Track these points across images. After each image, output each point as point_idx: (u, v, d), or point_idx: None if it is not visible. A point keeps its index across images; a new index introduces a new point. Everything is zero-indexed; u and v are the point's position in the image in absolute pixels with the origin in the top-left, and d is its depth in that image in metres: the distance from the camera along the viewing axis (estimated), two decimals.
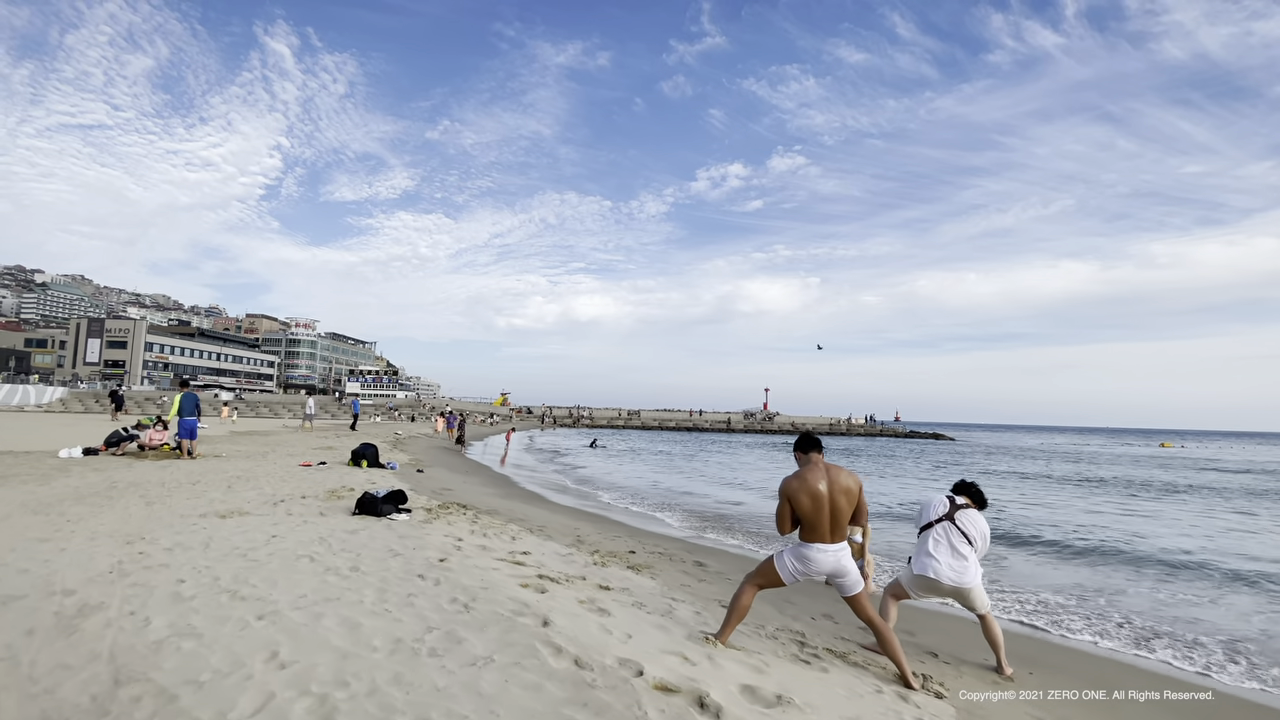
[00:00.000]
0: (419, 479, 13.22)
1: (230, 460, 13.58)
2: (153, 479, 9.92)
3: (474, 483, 14.60)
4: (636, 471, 23.24)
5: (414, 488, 10.88)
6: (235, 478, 10.58)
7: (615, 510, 12.64)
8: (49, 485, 8.89)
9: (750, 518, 12.50)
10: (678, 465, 27.03)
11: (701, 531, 10.65)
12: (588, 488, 16.70)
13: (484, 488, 13.77)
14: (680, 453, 36.73)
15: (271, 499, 8.48)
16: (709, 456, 34.40)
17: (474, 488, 13.39)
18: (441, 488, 12.00)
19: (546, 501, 12.86)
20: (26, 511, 6.95)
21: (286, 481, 10.32)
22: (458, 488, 12.59)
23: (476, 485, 14.04)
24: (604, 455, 32.61)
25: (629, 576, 6.00)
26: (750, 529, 11.17)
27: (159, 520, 6.73)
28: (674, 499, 15.10)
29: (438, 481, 13.25)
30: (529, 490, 14.64)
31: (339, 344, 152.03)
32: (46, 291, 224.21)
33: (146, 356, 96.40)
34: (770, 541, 9.93)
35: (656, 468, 25.35)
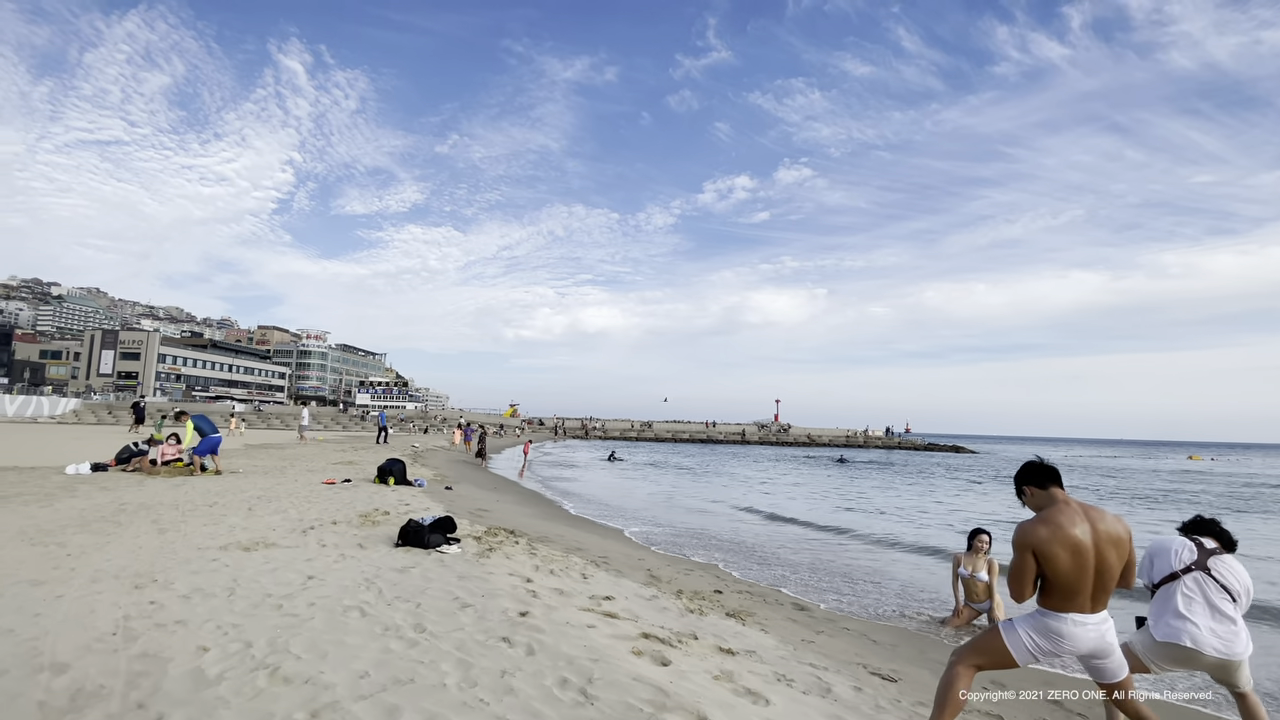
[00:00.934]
0: (449, 497, 12.22)
1: (248, 477, 12.63)
2: (166, 500, 8.96)
3: (508, 501, 13.57)
4: (668, 487, 22.11)
5: (449, 509, 9.86)
6: (255, 498, 9.60)
7: (668, 534, 11.55)
8: (52, 507, 7.94)
9: (810, 543, 11.39)
10: (706, 480, 25.88)
11: (769, 563, 9.56)
12: (629, 506, 15.62)
13: (520, 507, 12.74)
14: (701, 466, 35.54)
15: (299, 524, 7.49)
16: (733, 470, 33.21)
17: (510, 507, 12.36)
18: (477, 508, 10.97)
19: (593, 525, 11.81)
20: (23, 541, 5.98)
21: (312, 502, 9.33)
22: (494, 508, 11.55)
23: (511, 505, 13.01)
24: (627, 469, 31.50)
25: (740, 631, 4.94)
26: (823, 557, 10.07)
27: (173, 554, 5.74)
28: (720, 519, 13.98)
29: (471, 500, 12.23)
30: (569, 511, 13.58)
31: (349, 355, 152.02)
32: (63, 304, 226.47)
33: (159, 368, 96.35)
34: (867, 578, 8.83)
35: (686, 483, 24.22)
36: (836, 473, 33.04)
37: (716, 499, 17.71)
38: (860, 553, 10.51)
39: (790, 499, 19.10)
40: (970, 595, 6.63)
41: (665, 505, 16.11)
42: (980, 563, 6.57)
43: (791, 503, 17.72)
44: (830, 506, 17.57)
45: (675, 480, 25.32)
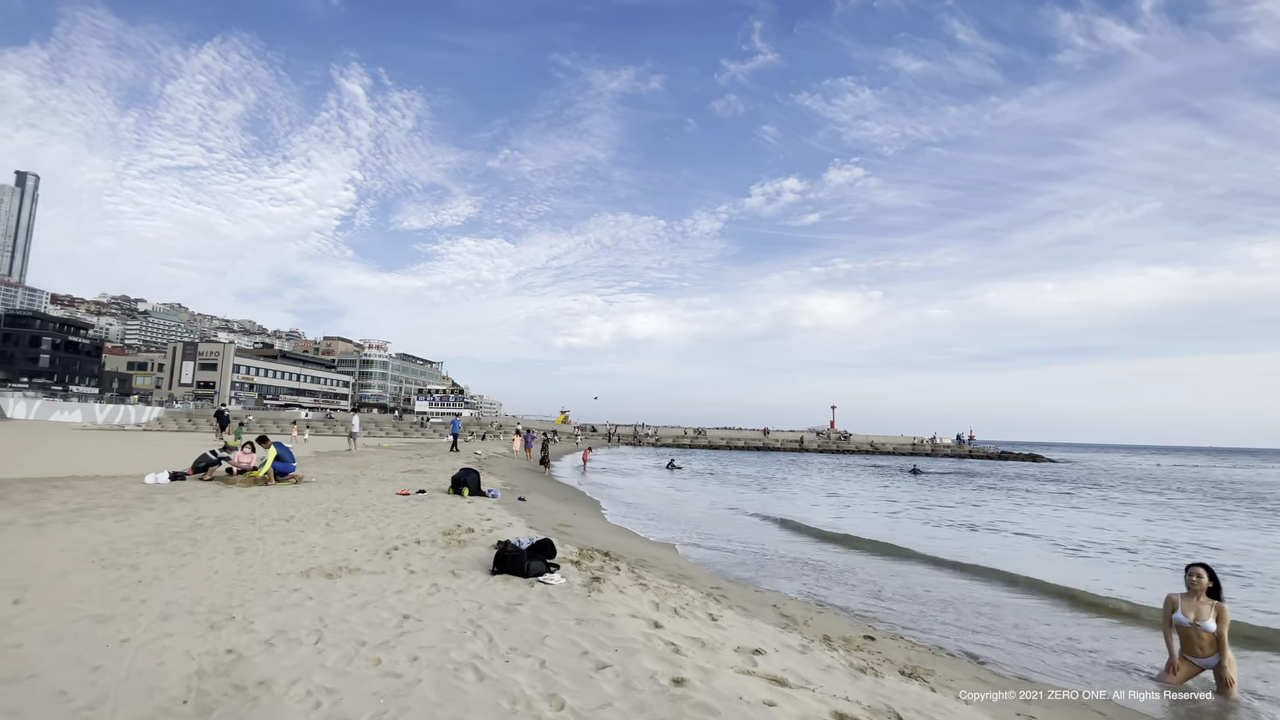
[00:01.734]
0: (525, 510, 11.48)
1: (321, 487, 12.26)
2: (242, 513, 8.51)
3: (584, 514, 12.76)
4: (737, 499, 20.88)
5: (531, 524, 9.08)
6: (331, 511, 9.07)
7: (759, 557, 10.44)
8: (128, 521, 7.55)
9: (928, 573, 10.05)
10: (774, 491, 24.49)
11: (892, 597, 8.35)
12: (706, 523, 14.56)
13: (598, 521, 11.91)
14: (763, 476, 34.02)
15: (381, 543, 6.81)
16: (799, 480, 31.60)
17: (588, 521, 11.53)
18: (558, 523, 10.16)
19: (682, 544, 10.82)
20: (94, 564, 5.47)
21: (390, 517, 8.71)
22: (575, 524, 10.73)
23: (588, 518, 12.18)
24: (688, 478, 30.39)
25: (938, 702, 3.85)
26: (952, 593, 8.76)
27: (252, 581, 5.08)
28: (808, 540, 12.73)
29: (547, 514, 11.46)
30: (649, 526, 12.63)
31: (408, 364, 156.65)
32: (148, 319, 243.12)
33: (234, 377, 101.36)
34: (1023, 618, 7.53)
35: (754, 493, 22.92)
36: (914, 484, 30.93)
37: (800, 515, 16.38)
38: (995, 588, 9.11)
39: (878, 514, 17.60)
40: (1189, 647, 5.30)
41: (744, 522, 14.91)
42: (1205, 609, 5.24)
43: (885, 521, 16.21)
44: (927, 523, 16.02)
45: (741, 491, 24.06)
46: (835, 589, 8.23)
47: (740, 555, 10.14)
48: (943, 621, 6.95)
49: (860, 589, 8.39)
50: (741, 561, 9.73)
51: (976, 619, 7.17)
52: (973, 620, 7.10)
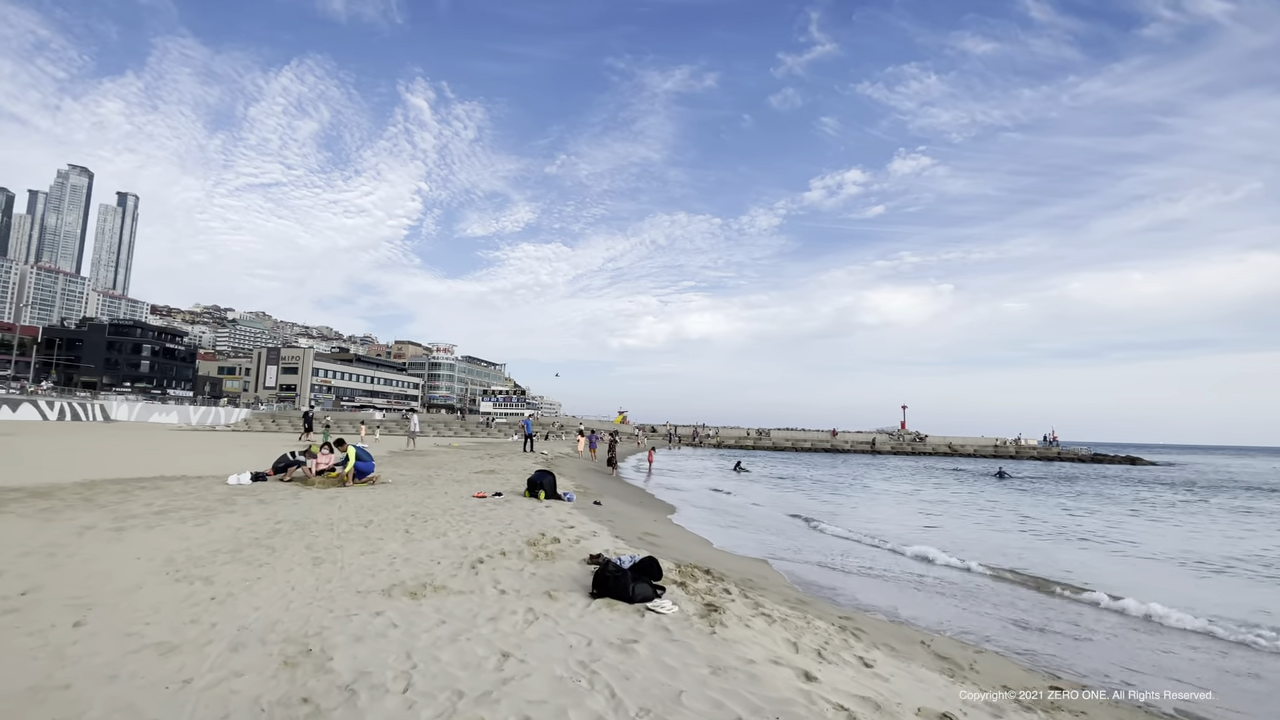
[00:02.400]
0: (602, 515, 10.79)
1: (397, 488, 11.97)
2: (320, 518, 8.15)
3: (663, 521, 11.96)
4: (818, 505, 19.55)
5: (615, 531, 8.35)
6: (409, 515, 8.62)
7: (888, 576, 9.30)
8: (208, 525, 7.28)
9: (1068, 603, 8.65)
10: (854, 495, 22.93)
11: (1036, 626, 7.10)
12: (792, 529, 13.46)
13: (677, 529, 11.07)
14: (837, 479, 32.27)
15: (464, 555, 6.20)
16: (878, 485, 29.74)
17: (669, 530, 10.72)
18: (642, 531, 9.39)
19: (789, 562, 9.82)
20: (167, 576, 5.06)
21: (469, 523, 8.16)
22: (657, 531, 9.94)
23: (668, 526, 11.37)
24: (756, 481, 29.13)
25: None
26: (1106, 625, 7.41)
27: (330, 601, 4.52)
28: (908, 547, 11.43)
29: (627, 520, 10.71)
30: (738, 536, 11.67)
31: (473, 366, 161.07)
32: (236, 326, 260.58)
33: (313, 380, 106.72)
34: (1225, 669, 6.18)
35: (833, 499, 21.47)
36: (1004, 490, 28.52)
37: (892, 526, 14.95)
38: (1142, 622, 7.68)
39: (978, 525, 15.95)
40: None
41: (830, 531, 13.65)
42: None
43: (990, 534, 14.57)
44: (1034, 534, 14.34)
45: (817, 495, 22.64)
46: (972, 617, 7.05)
47: (843, 572, 9.03)
48: (1124, 665, 5.70)
49: (998, 616, 7.17)
50: (850, 581, 8.64)
51: (1161, 661, 5.88)
52: (1155, 661, 5.82)
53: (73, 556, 5.61)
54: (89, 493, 9.46)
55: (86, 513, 7.80)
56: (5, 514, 7.50)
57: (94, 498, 8.99)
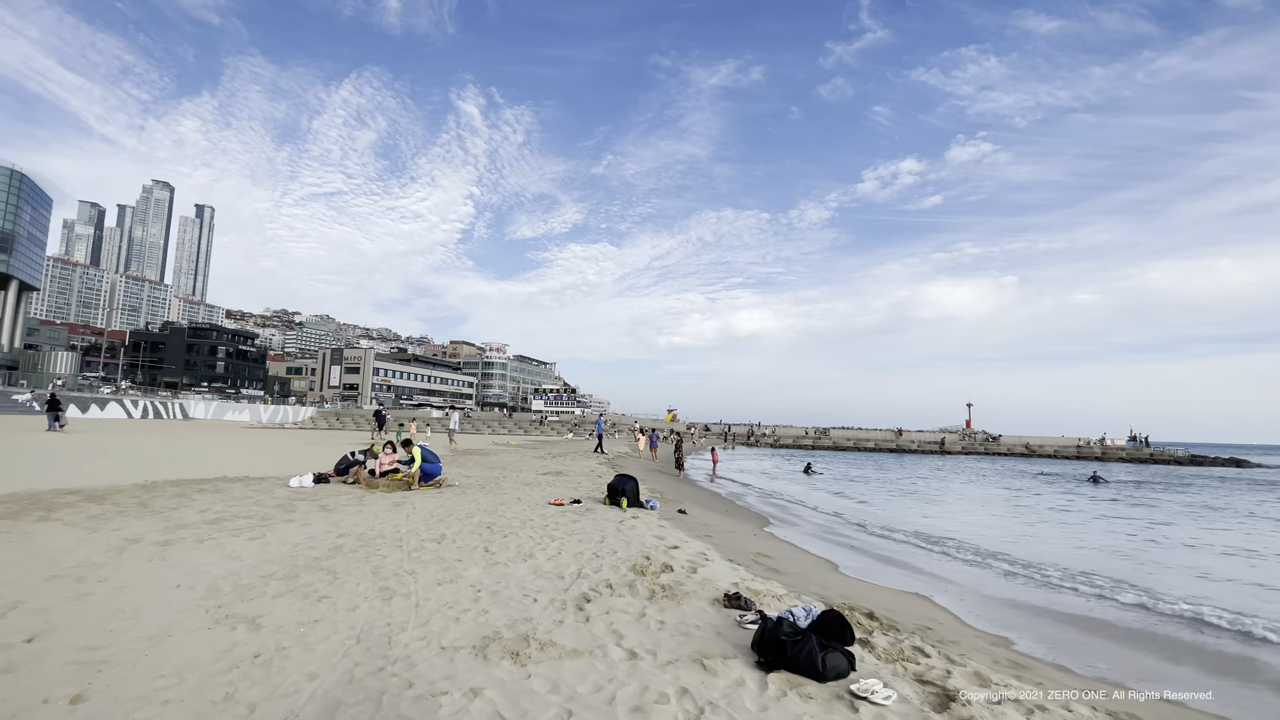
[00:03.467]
0: (693, 527, 9.45)
1: (464, 492, 10.97)
2: (387, 530, 7.11)
3: (764, 535, 10.51)
4: (913, 513, 17.60)
5: (724, 552, 6.98)
6: (485, 527, 7.49)
7: (1083, 620, 7.59)
8: (263, 539, 6.32)
9: None
10: (946, 501, 20.75)
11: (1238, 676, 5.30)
12: (909, 545, 11.73)
13: (786, 546, 9.59)
14: (916, 480, 29.84)
15: (561, 585, 4.97)
16: (965, 488, 27.24)
17: (781, 548, 9.26)
18: (754, 552, 7.99)
19: (950, 596, 8.20)
20: (206, 616, 4.01)
21: (554, 538, 6.95)
22: (770, 551, 8.52)
23: (774, 542, 9.91)
24: (830, 484, 27.18)
25: None
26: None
27: (410, 667, 3.34)
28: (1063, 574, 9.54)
29: (726, 536, 9.34)
30: (860, 556, 10.06)
31: (525, 365, 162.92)
32: (302, 329, 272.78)
33: (374, 380, 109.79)
34: None
35: (923, 504, 19.41)
36: (1105, 496, 25.48)
37: (1026, 543, 12.86)
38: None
39: (1135, 543, 13.76)
40: None
41: (954, 547, 11.78)
42: None
43: (1141, 553, 12.42)
44: (1226, 561, 12.12)
45: (910, 502, 20.59)
46: (1230, 685, 5.31)
47: (1020, 609, 7.31)
48: None
49: (1260, 684, 5.40)
50: (1044, 625, 6.89)
51: None
52: None
53: (104, 582, 4.67)
54: (146, 496, 8.78)
55: (137, 520, 7.01)
56: (52, 521, 6.77)
57: (150, 502, 8.27)
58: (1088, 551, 11.80)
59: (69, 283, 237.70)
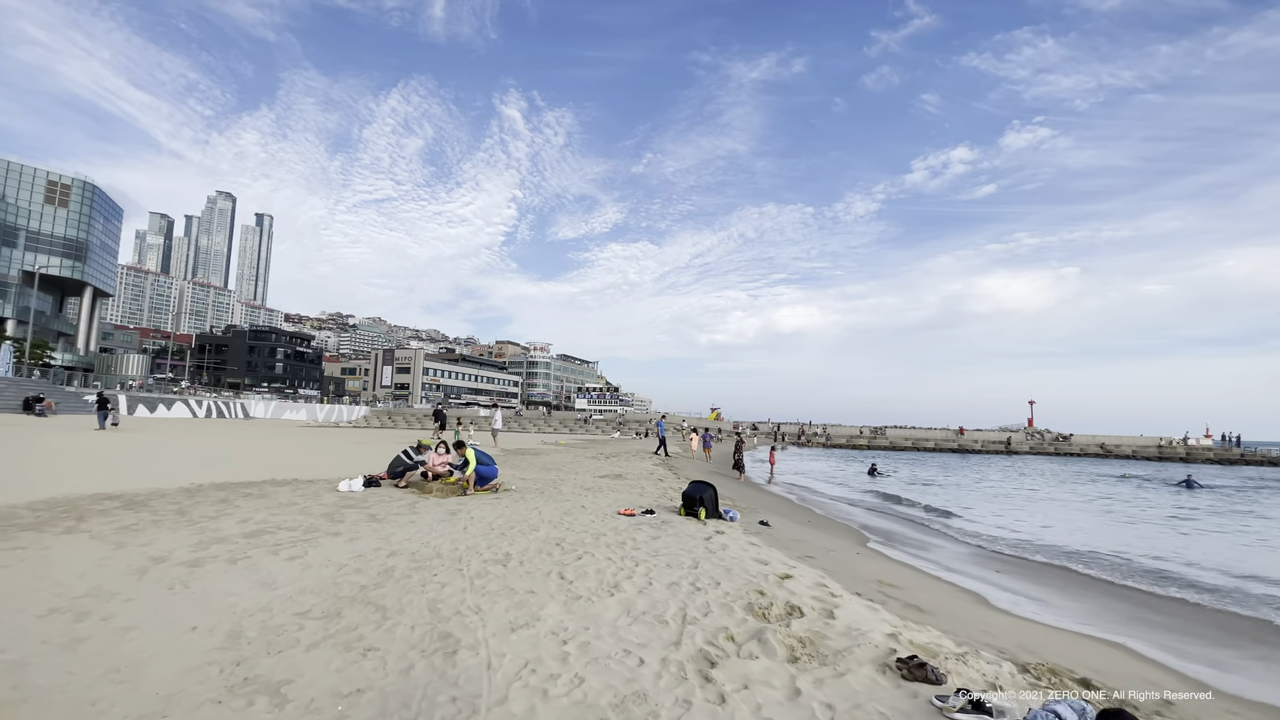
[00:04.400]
0: (786, 542, 8.21)
1: (523, 498, 10.00)
2: (444, 546, 6.15)
3: (869, 551, 9.17)
4: (1023, 522, 15.79)
5: (844, 582, 5.73)
6: (554, 544, 6.45)
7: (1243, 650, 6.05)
8: (304, 558, 5.42)
9: None
10: (1041, 508, 18.72)
11: None
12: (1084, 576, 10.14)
13: (919, 571, 8.23)
14: (992, 483, 27.53)
15: (667, 638, 3.85)
16: (1055, 490, 24.86)
17: (906, 574, 7.92)
18: (875, 580, 6.70)
19: (1148, 643, 6.73)
20: (220, 678, 3.04)
21: (637, 560, 5.84)
22: (895, 577, 7.21)
23: (891, 565, 8.55)
24: (906, 487, 25.30)
25: None
26: None
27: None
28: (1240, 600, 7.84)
29: (829, 556, 8.05)
30: (1017, 586, 8.56)
31: (568, 364, 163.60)
32: (356, 331, 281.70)
33: (424, 379, 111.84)
34: None
35: (1037, 516, 17.49)
36: (1206, 502, 22.72)
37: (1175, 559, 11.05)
38: None
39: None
40: None
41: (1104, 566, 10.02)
42: None
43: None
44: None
45: (1004, 508, 18.69)
46: None
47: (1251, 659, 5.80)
48: None
49: None
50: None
51: None
52: None
53: (108, 622, 3.79)
54: (188, 502, 8.11)
55: (171, 533, 6.24)
56: (79, 534, 6.06)
57: (190, 509, 7.57)
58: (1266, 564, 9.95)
59: (141, 289, 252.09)
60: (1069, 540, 12.45)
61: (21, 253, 66.58)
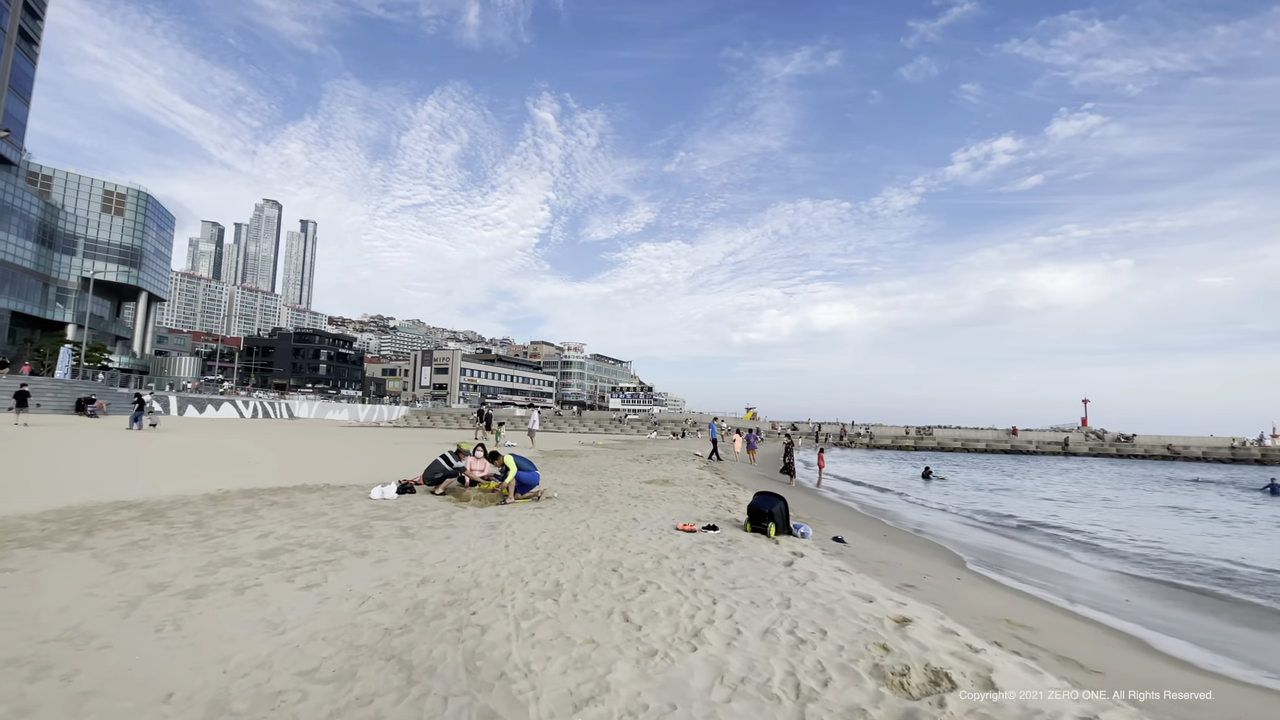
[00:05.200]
0: (870, 563, 7.12)
1: (568, 507, 9.12)
2: (483, 572, 5.27)
3: (973, 576, 7.97)
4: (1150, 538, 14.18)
5: (982, 631, 4.64)
6: (609, 569, 5.52)
7: None
8: (321, 586, 4.61)
9: None
10: (1162, 520, 16.96)
11: None
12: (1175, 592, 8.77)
13: (1039, 603, 7.03)
14: (1058, 487, 25.49)
15: (781, 712, 2.85)
16: (1135, 495, 22.78)
17: (1028, 608, 6.73)
18: (1007, 621, 5.56)
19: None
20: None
21: (713, 595, 4.85)
22: (1029, 617, 6.04)
23: (1007, 595, 7.36)
24: (969, 492, 23.60)
25: None
26: None
27: None
28: None
29: (939, 590, 6.91)
30: (1184, 623, 7.29)
31: (601, 364, 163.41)
32: (396, 333, 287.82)
33: (461, 379, 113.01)
34: None
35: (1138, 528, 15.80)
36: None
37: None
38: None
39: None
40: None
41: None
42: None
43: None
44: None
45: (1112, 516, 17.01)
46: None
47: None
48: None
49: None
50: None
51: None
52: None
53: (69, 681, 3.00)
54: (209, 512, 7.46)
55: (181, 550, 5.54)
56: (82, 550, 5.40)
57: (209, 521, 6.91)
58: None
59: (194, 295, 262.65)
60: (1188, 553, 10.91)
61: (80, 260, 69.39)
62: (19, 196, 61.74)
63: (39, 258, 65.11)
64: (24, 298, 63.32)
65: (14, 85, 60.36)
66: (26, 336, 63.75)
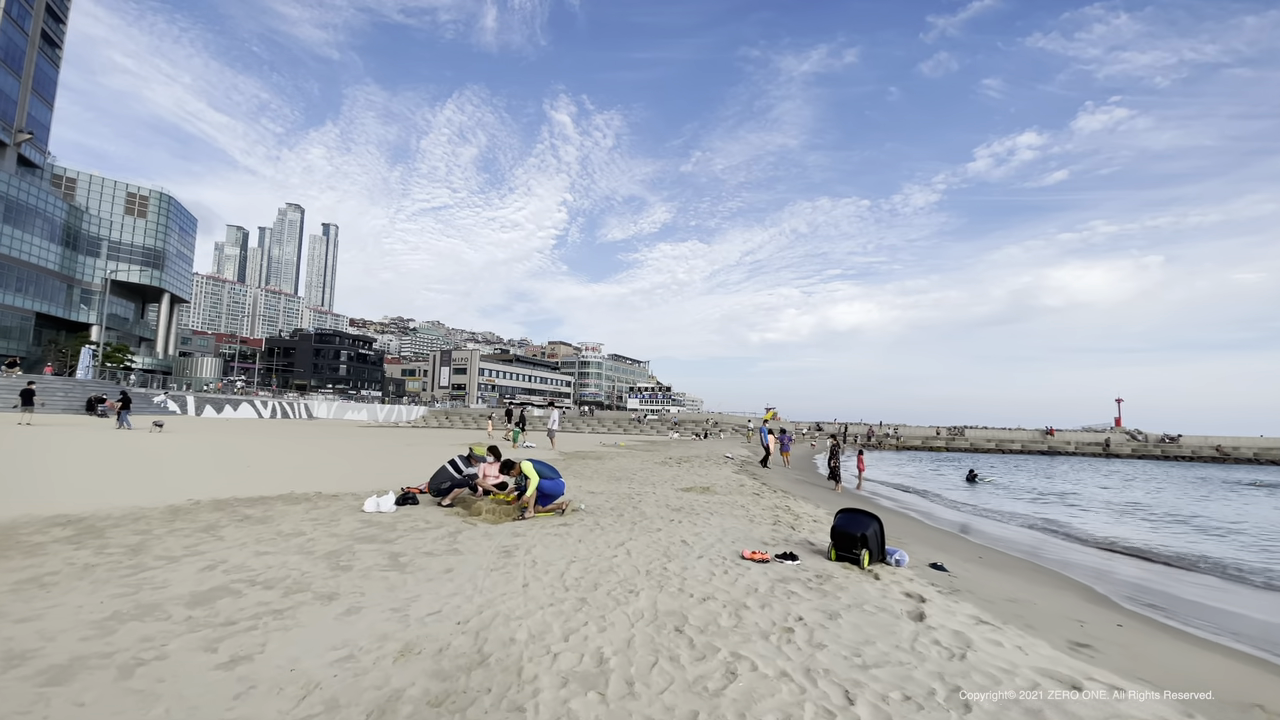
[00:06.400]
0: (983, 597, 5.44)
1: (599, 524, 7.54)
2: (493, 635, 3.70)
3: (1106, 609, 6.23)
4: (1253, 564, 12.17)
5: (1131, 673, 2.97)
6: (671, 626, 3.93)
7: None
8: (259, 655, 3.08)
9: None
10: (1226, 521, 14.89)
11: None
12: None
13: (1228, 658, 5.29)
14: (1116, 490, 23.25)
15: None
16: (1209, 501, 20.51)
17: (1232, 669, 5.01)
18: (1262, 709, 3.85)
19: None
20: None
21: (839, 681, 3.23)
22: (1255, 690, 4.32)
23: (1194, 651, 5.62)
24: (1022, 498, 21.56)
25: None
26: None
27: None
28: None
29: (1109, 644, 5.21)
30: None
31: (619, 364, 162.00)
32: (416, 334, 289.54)
33: (479, 380, 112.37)
34: None
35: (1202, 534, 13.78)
36: None
37: None
38: None
39: None
40: None
41: None
42: None
43: None
44: None
45: (1198, 535, 15.00)
46: None
47: None
48: None
49: None
50: None
51: None
52: None
53: None
54: (160, 530, 6.02)
55: (88, 592, 4.06)
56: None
57: (152, 544, 5.45)
58: None
59: (219, 297, 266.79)
60: None
61: (104, 261, 69.68)
62: (43, 199, 62.04)
63: (63, 260, 65.41)
64: (49, 299, 63.60)
65: (37, 88, 60.68)
66: (51, 338, 64.06)
